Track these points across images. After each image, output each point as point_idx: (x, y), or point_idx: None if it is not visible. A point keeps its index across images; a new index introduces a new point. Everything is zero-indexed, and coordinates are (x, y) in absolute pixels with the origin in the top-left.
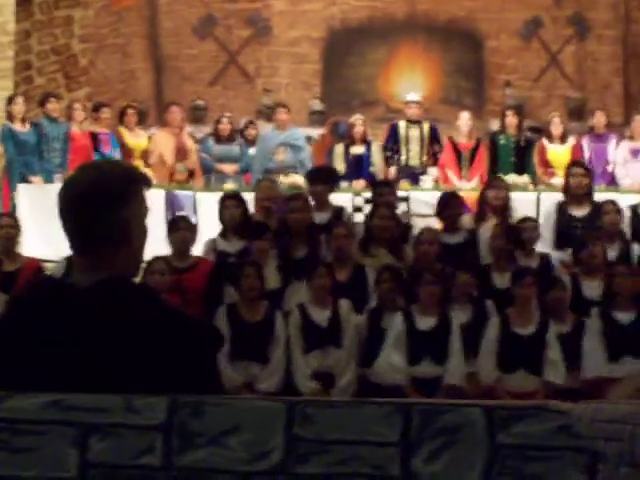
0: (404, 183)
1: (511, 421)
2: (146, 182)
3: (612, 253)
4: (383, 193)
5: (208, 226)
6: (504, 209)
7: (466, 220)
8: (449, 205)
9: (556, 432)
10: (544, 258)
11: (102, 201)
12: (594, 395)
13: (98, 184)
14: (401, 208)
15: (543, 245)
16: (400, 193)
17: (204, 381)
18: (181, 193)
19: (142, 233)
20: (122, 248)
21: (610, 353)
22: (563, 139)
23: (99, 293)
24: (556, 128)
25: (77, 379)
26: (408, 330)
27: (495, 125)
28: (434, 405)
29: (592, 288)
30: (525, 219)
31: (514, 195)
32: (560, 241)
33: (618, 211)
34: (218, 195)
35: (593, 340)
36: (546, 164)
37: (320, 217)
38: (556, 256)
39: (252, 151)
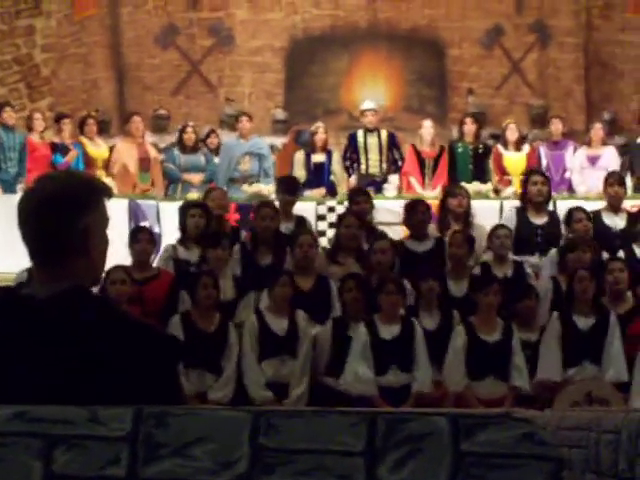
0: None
1: (476, 429)
2: (106, 192)
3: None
4: (360, 202)
5: (171, 235)
6: (466, 217)
7: (432, 228)
8: (416, 212)
9: (521, 440)
10: (518, 265)
11: (61, 211)
12: (549, 399)
13: (57, 194)
14: None
15: None
16: None
17: (165, 392)
18: (144, 203)
19: (102, 243)
20: (82, 258)
21: (568, 358)
22: (518, 146)
23: (59, 304)
24: (512, 134)
25: (40, 391)
26: (372, 340)
27: (454, 133)
28: (399, 414)
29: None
30: (497, 227)
31: (476, 203)
32: (519, 248)
33: (589, 218)
34: (180, 204)
35: (551, 343)
36: (502, 171)
37: (285, 226)
38: (532, 261)
39: (217, 160)
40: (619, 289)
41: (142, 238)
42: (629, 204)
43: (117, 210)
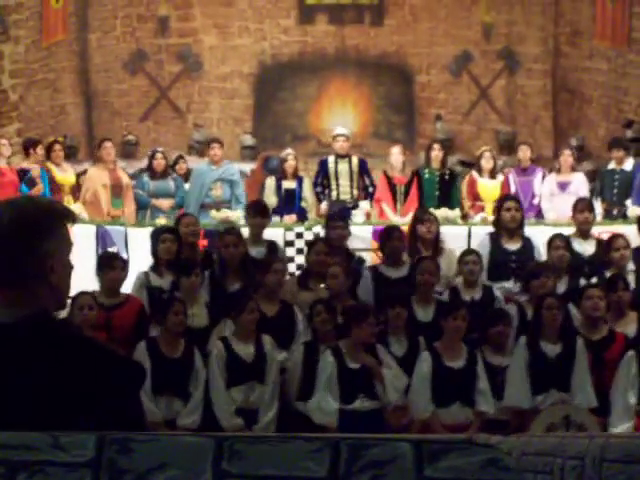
0: None
1: (439, 455)
2: (69, 217)
3: (561, 287)
4: (337, 227)
5: (139, 261)
6: (435, 243)
7: (404, 255)
8: (391, 239)
9: (484, 466)
10: (487, 289)
11: (22, 237)
12: (518, 425)
13: (18, 219)
14: None
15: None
16: None
17: (128, 417)
18: (112, 228)
19: (65, 268)
20: (44, 283)
21: (535, 385)
22: (493, 174)
23: (21, 329)
24: (487, 162)
25: (2, 416)
26: (340, 369)
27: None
28: (362, 439)
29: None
30: (467, 252)
31: (444, 229)
32: (493, 273)
33: (566, 247)
34: (149, 230)
35: (518, 370)
36: (475, 198)
37: (256, 251)
38: (499, 286)
39: (187, 186)
40: (597, 316)
41: (117, 265)
42: (598, 230)
43: (85, 236)
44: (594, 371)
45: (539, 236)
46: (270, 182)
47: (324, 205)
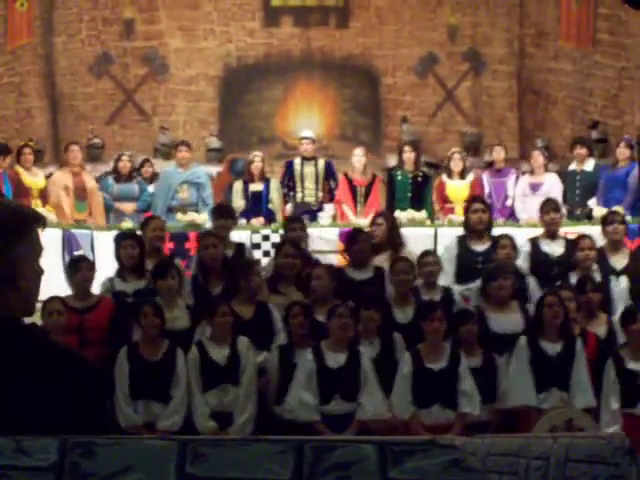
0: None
1: (403, 456)
2: (38, 221)
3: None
4: (295, 229)
5: (105, 265)
6: (392, 244)
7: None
8: (357, 241)
9: (448, 467)
10: (446, 291)
11: None
12: (518, 425)
13: None
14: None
15: (445, 279)
16: None
17: (94, 424)
18: (78, 232)
19: (34, 273)
20: (11, 288)
21: (537, 384)
22: (462, 175)
23: None
24: (456, 164)
25: None
26: (318, 368)
27: (392, 161)
28: (327, 441)
29: (499, 322)
30: (425, 253)
31: (412, 230)
32: (461, 275)
33: (513, 246)
34: (115, 234)
35: (521, 368)
36: (444, 200)
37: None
38: (457, 289)
39: (151, 189)
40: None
41: (83, 267)
42: (563, 231)
43: (51, 240)
44: None
45: (513, 237)
46: (237, 185)
47: (289, 207)
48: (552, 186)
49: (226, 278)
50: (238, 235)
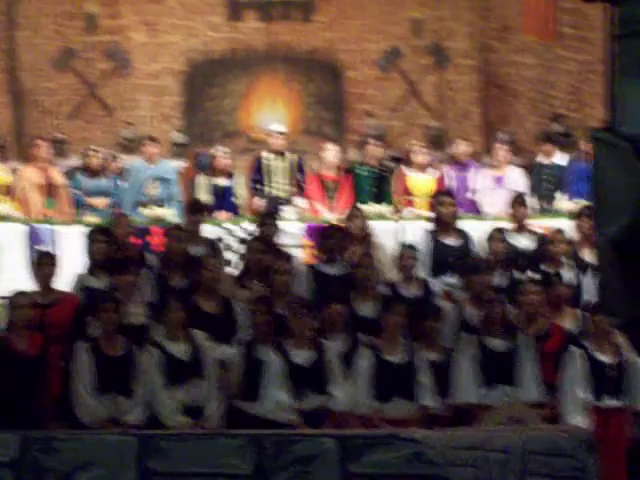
0: None
1: (363, 450)
2: None
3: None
4: (266, 224)
5: (68, 260)
6: (365, 237)
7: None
8: (331, 237)
9: (409, 460)
10: (424, 284)
11: None
12: (465, 421)
13: None
14: None
15: (421, 274)
16: None
17: None
18: (41, 227)
19: None
20: None
21: (484, 380)
22: (424, 168)
23: None
24: (416, 156)
25: None
26: (285, 365)
27: (355, 155)
28: (287, 436)
29: (478, 315)
30: (404, 247)
31: (375, 224)
32: (433, 269)
33: (503, 240)
34: (78, 228)
35: (465, 365)
36: (405, 192)
37: (195, 249)
38: (440, 282)
39: (124, 184)
40: (534, 311)
41: (46, 262)
42: (536, 223)
43: (16, 235)
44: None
45: (476, 231)
46: (202, 180)
47: (258, 201)
48: (515, 179)
49: (189, 273)
50: (202, 229)
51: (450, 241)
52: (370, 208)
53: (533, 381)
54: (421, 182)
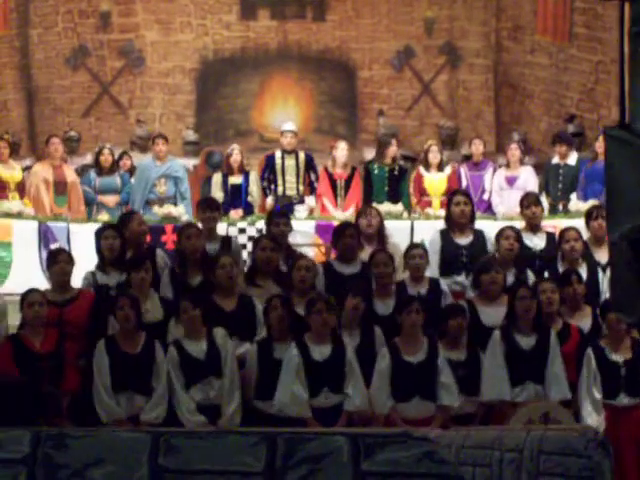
0: None
1: (376, 448)
2: None
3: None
4: (279, 223)
5: (82, 258)
6: (380, 236)
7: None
8: (344, 235)
9: (421, 459)
10: (433, 283)
11: None
12: (494, 419)
13: None
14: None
15: (430, 273)
16: None
17: None
18: (54, 225)
19: None
20: None
21: (512, 378)
22: (440, 168)
23: None
24: (434, 157)
25: None
26: (304, 361)
27: (369, 154)
28: (299, 434)
29: (490, 315)
30: (413, 246)
31: (388, 223)
32: (445, 269)
33: (517, 238)
34: (92, 226)
35: (495, 362)
36: (422, 192)
37: (210, 247)
38: (448, 282)
39: (133, 181)
40: (550, 310)
41: (61, 259)
42: (544, 224)
43: (28, 233)
44: None
45: (489, 230)
46: (217, 178)
47: (270, 200)
48: (528, 179)
49: (205, 270)
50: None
51: (461, 240)
52: (383, 207)
53: (563, 379)
54: (436, 182)
